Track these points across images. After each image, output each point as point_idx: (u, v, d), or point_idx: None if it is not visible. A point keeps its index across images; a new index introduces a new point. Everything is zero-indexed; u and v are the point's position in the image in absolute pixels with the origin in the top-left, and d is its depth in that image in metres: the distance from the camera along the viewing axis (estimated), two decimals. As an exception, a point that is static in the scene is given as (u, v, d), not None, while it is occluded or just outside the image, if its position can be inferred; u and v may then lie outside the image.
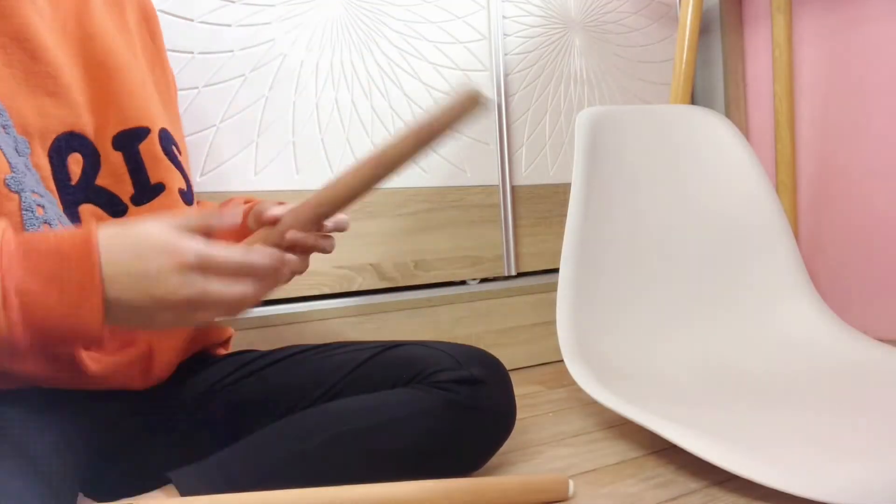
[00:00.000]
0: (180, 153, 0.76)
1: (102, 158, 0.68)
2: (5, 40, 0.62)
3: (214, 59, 1.12)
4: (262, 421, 0.71)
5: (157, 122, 0.73)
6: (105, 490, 0.66)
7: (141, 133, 0.71)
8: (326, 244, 0.68)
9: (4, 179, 0.58)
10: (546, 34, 1.49)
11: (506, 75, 1.43)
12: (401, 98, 1.30)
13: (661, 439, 0.81)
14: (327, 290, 1.21)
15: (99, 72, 0.69)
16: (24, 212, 0.59)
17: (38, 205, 0.61)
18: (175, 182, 0.73)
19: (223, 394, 0.76)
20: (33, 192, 0.61)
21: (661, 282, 1.16)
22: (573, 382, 0.95)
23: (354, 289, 1.24)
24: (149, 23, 0.81)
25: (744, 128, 1.62)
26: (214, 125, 1.12)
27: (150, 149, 0.71)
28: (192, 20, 1.10)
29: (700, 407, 0.92)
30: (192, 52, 1.09)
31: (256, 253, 0.54)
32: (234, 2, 1.14)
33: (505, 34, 1.43)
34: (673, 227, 1.20)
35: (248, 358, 0.81)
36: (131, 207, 0.70)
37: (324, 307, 1.17)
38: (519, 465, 0.84)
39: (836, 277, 1.46)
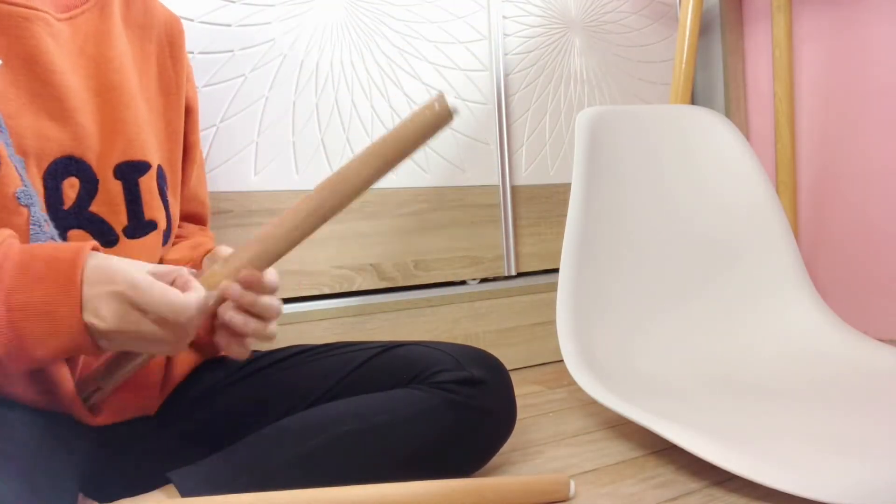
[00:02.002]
0: (169, 191, 0.76)
1: (101, 186, 0.67)
2: (15, 61, 0.61)
3: (214, 59, 1.12)
4: (262, 421, 0.70)
5: (155, 158, 0.72)
6: (105, 490, 0.66)
7: (142, 167, 0.70)
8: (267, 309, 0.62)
9: (15, 192, 0.58)
10: (546, 34, 1.49)
11: (506, 75, 1.43)
12: (401, 98, 1.30)
13: (661, 439, 0.81)
14: (327, 290, 1.21)
15: (111, 98, 0.68)
16: (31, 226, 0.59)
17: (45, 220, 0.61)
18: (163, 221, 0.73)
19: (223, 394, 0.76)
20: (41, 207, 0.61)
21: (660, 281, 1.16)
22: (573, 382, 0.95)
23: (354, 289, 1.24)
24: (172, 46, 0.79)
25: (744, 128, 1.62)
26: (214, 125, 1.12)
27: (149, 184, 0.71)
28: (192, 20, 1.10)
29: (700, 407, 0.92)
30: (192, 52, 1.09)
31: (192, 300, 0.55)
32: (234, 2, 1.14)
33: (505, 34, 1.43)
34: (673, 227, 1.20)
35: (248, 358, 0.81)
36: (122, 239, 0.69)
37: (324, 307, 1.17)
38: (519, 464, 0.84)
39: (836, 277, 1.46)
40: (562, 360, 0.98)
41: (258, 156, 1.16)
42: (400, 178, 1.30)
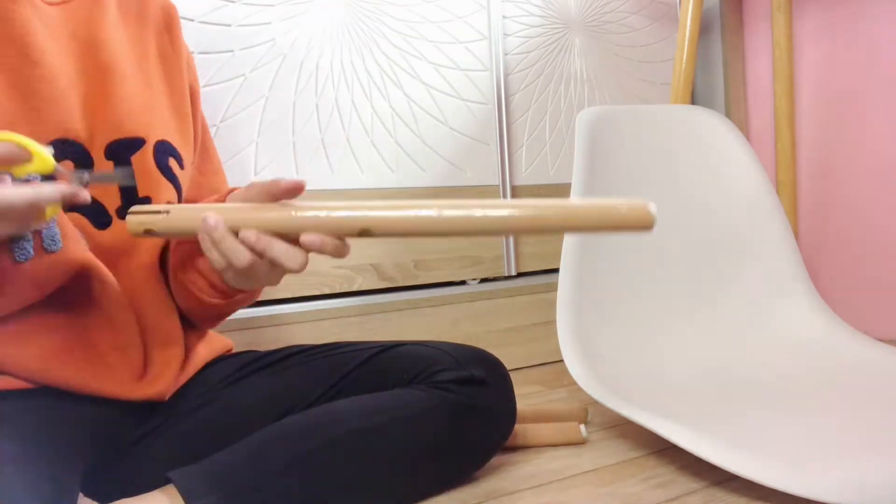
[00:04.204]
0: (182, 166, 0.75)
1: (94, 167, 0.67)
2: (3, 43, 0.62)
3: (214, 59, 1.12)
4: (262, 421, 0.70)
5: (155, 133, 0.72)
6: (105, 490, 0.66)
7: (136, 143, 0.70)
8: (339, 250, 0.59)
9: None
10: (546, 34, 1.49)
11: (506, 75, 1.43)
12: (401, 98, 1.30)
13: (661, 439, 0.81)
14: (327, 290, 1.21)
15: (100, 78, 0.68)
16: None
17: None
18: (164, 196, 0.72)
19: (224, 394, 0.76)
20: None
21: (661, 281, 1.16)
22: (573, 382, 0.96)
23: (354, 289, 1.24)
24: (170, 30, 0.79)
25: (744, 128, 1.62)
26: (214, 125, 1.12)
27: (143, 160, 0.70)
28: (192, 20, 1.10)
29: (700, 407, 0.92)
30: (192, 52, 1.09)
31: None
32: (234, 2, 1.14)
33: (505, 34, 1.43)
34: (673, 227, 1.20)
35: (248, 358, 0.81)
36: (115, 220, 0.69)
37: (324, 307, 1.17)
38: (519, 464, 0.84)
39: (836, 277, 1.46)
40: (562, 360, 0.98)
41: (258, 156, 1.16)
42: (400, 178, 1.30)
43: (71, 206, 0.58)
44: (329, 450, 0.67)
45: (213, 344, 0.82)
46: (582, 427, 0.89)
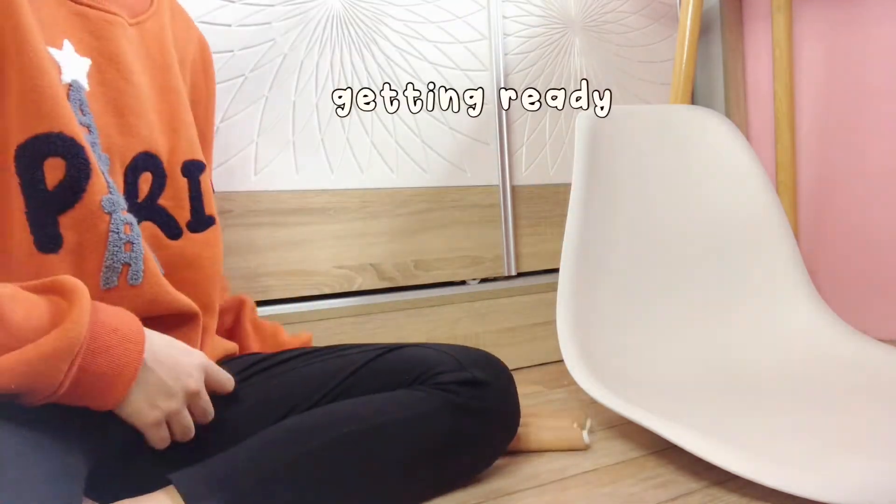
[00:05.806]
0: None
1: (168, 181, 0.73)
2: (102, 61, 0.67)
3: (214, 59, 1.12)
4: (263, 423, 0.70)
5: (204, 159, 0.79)
6: (105, 490, 0.66)
7: (200, 166, 0.77)
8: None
9: (101, 200, 0.62)
10: (546, 34, 1.49)
11: (506, 75, 1.43)
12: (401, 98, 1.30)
13: (661, 439, 0.81)
14: (327, 290, 1.21)
15: (171, 99, 0.74)
16: (110, 233, 0.63)
17: (126, 223, 0.65)
18: (217, 217, 0.79)
19: (224, 395, 0.76)
20: (123, 209, 0.65)
21: (661, 282, 1.16)
22: (573, 382, 0.96)
23: (354, 289, 1.24)
24: (205, 63, 0.87)
25: (744, 128, 1.62)
26: (215, 125, 1.12)
27: (206, 183, 0.77)
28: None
29: (700, 407, 0.92)
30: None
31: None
32: (234, 2, 1.14)
33: (505, 34, 1.43)
34: (673, 227, 1.21)
35: (250, 360, 0.81)
36: (186, 233, 0.74)
37: (324, 307, 1.17)
38: (520, 464, 0.84)
39: (836, 277, 1.46)
40: (562, 360, 0.98)
41: (258, 156, 1.16)
42: (400, 178, 1.30)
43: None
44: (330, 451, 0.67)
45: (216, 347, 0.82)
46: (585, 433, 0.89)
